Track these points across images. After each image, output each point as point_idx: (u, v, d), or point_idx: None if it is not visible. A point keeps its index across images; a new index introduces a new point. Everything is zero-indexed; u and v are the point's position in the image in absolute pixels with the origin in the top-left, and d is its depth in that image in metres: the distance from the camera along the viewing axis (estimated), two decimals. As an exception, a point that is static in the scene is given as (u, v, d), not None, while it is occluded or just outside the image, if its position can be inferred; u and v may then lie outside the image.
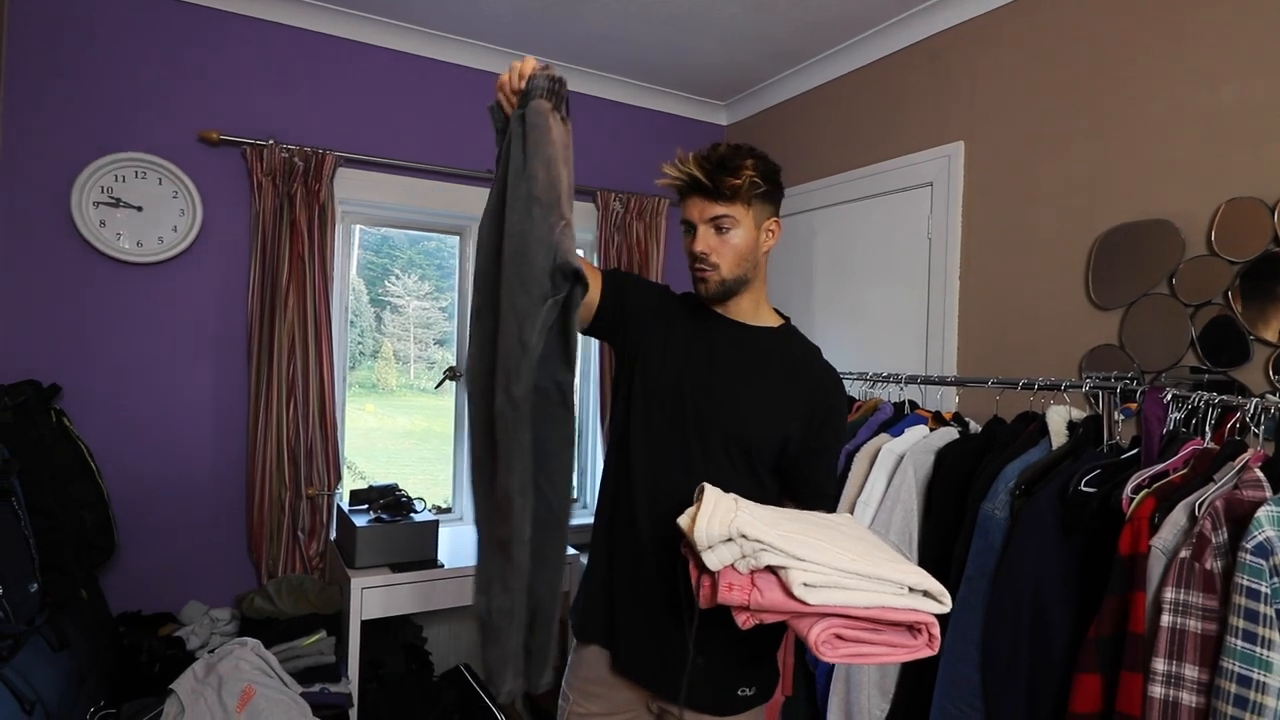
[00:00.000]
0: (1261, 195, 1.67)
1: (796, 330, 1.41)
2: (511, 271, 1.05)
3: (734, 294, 1.32)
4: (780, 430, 1.28)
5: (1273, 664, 1.03)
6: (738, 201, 1.25)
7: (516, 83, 1.13)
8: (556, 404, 1.04)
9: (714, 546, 0.98)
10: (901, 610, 0.95)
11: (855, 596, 0.95)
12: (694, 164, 1.24)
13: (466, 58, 2.85)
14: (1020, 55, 2.21)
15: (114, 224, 2.31)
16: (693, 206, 1.28)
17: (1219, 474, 1.23)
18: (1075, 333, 2.02)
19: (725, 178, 1.23)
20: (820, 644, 0.95)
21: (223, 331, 2.50)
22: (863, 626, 0.96)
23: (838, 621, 0.95)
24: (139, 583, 2.38)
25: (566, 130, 1.11)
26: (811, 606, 0.94)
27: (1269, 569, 1.05)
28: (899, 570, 0.96)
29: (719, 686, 1.30)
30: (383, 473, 3.41)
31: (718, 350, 1.32)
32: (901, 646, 0.97)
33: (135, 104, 2.35)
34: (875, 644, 0.97)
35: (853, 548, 1.00)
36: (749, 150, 1.27)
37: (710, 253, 1.27)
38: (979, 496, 1.50)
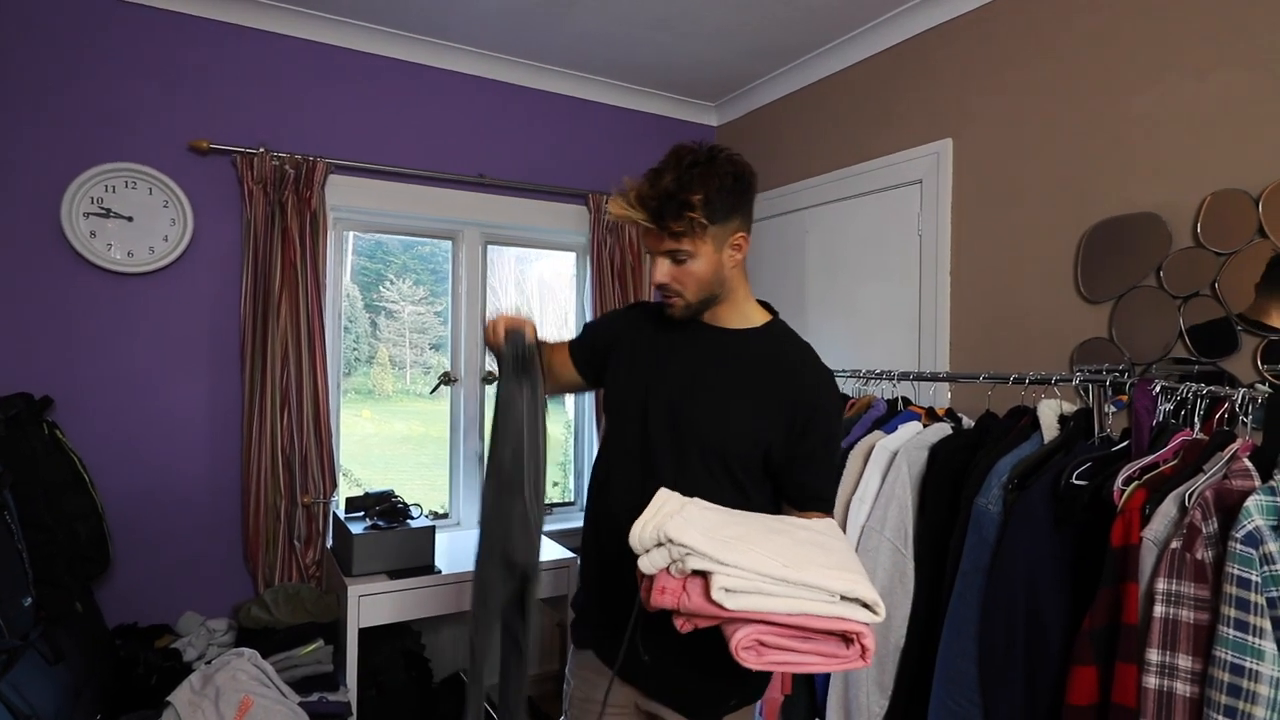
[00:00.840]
0: (1246, 187, 1.68)
1: (783, 328, 1.36)
2: (488, 527, 1.27)
3: (706, 310, 1.29)
4: (758, 439, 1.25)
5: (1265, 652, 1.04)
6: (689, 236, 1.19)
7: (494, 338, 1.23)
8: (510, 648, 1.24)
9: (649, 551, 0.97)
10: (826, 618, 0.92)
11: (777, 603, 0.92)
12: (637, 205, 1.18)
13: (456, 63, 2.86)
14: (1006, 52, 2.22)
15: (104, 234, 2.31)
16: (648, 237, 1.23)
17: (1208, 464, 1.23)
18: (1065, 327, 2.03)
19: (675, 218, 1.16)
20: (740, 650, 0.92)
21: (215, 340, 2.49)
22: (789, 634, 0.93)
23: (760, 628, 0.92)
24: (134, 595, 2.37)
25: (537, 389, 1.23)
26: (730, 612, 0.92)
27: (1259, 558, 1.06)
28: (831, 578, 0.92)
29: (708, 692, 1.30)
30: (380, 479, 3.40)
31: (692, 358, 1.30)
32: (833, 657, 0.94)
33: (124, 114, 2.35)
34: (804, 652, 0.94)
35: (796, 554, 0.96)
36: (701, 174, 1.17)
37: (672, 282, 1.24)
38: (972, 491, 1.50)
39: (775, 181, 3.09)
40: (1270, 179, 1.64)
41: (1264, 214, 1.64)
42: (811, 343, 1.38)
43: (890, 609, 1.61)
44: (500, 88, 2.97)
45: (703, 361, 1.29)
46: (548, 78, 3.04)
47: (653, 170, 1.22)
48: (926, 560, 1.60)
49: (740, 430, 1.25)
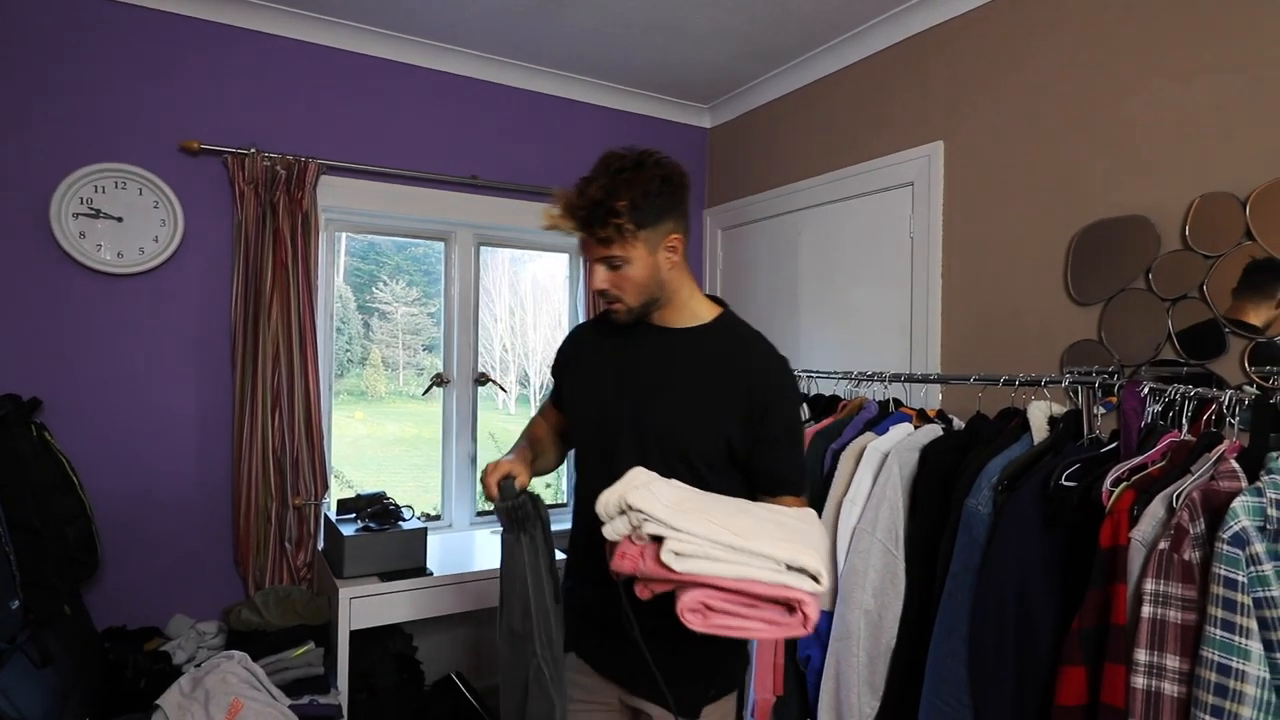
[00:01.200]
0: (1234, 190, 1.69)
1: (733, 320, 1.37)
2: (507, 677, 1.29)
3: (649, 313, 1.31)
4: (718, 432, 1.26)
5: (1251, 652, 1.04)
6: (619, 243, 1.21)
7: (490, 492, 1.25)
8: None
9: (612, 519, 1.03)
10: (770, 585, 0.96)
11: (723, 568, 0.96)
12: (565, 214, 1.21)
13: (448, 63, 2.85)
14: (997, 55, 2.23)
15: (94, 235, 2.30)
16: (585, 248, 1.25)
17: (1196, 465, 1.24)
18: (1055, 329, 2.04)
19: (602, 226, 1.19)
20: (685, 611, 0.98)
21: (206, 341, 2.48)
22: (734, 600, 0.98)
23: (707, 592, 0.97)
24: (124, 597, 2.36)
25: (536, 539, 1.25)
26: (677, 574, 0.96)
27: (1245, 558, 1.07)
28: (779, 548, 0.97)
29: (685, 685, 1.31)
30: (372, 480, 3.40)
31: (646, 361, 1.33)
32: (778, 624, 0.99)
33: (114, 114, 2.34)
34: (750, 619, 0.99)
35: (750, 526, 1.01)
36: (628, 180, 1.19)
37: (610, 288, 1.26)
38: (963, 492, 1.51)
39: (768, 184, 3.10)
40: (1257, 182, 1.65)
41: (1251, 217, 1.65)
42: (804, 344, 1.40)
43: (881, 610, 1.61)
44: (493, 89, 2.97)
45: (657, 363, 1.32)
46: (540, 79, 3.04)
47: (583, 179, 1.23)
48: (917, 561, 1.60)
49: (699, 425, 1.27)
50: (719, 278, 3.41)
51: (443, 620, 2.87)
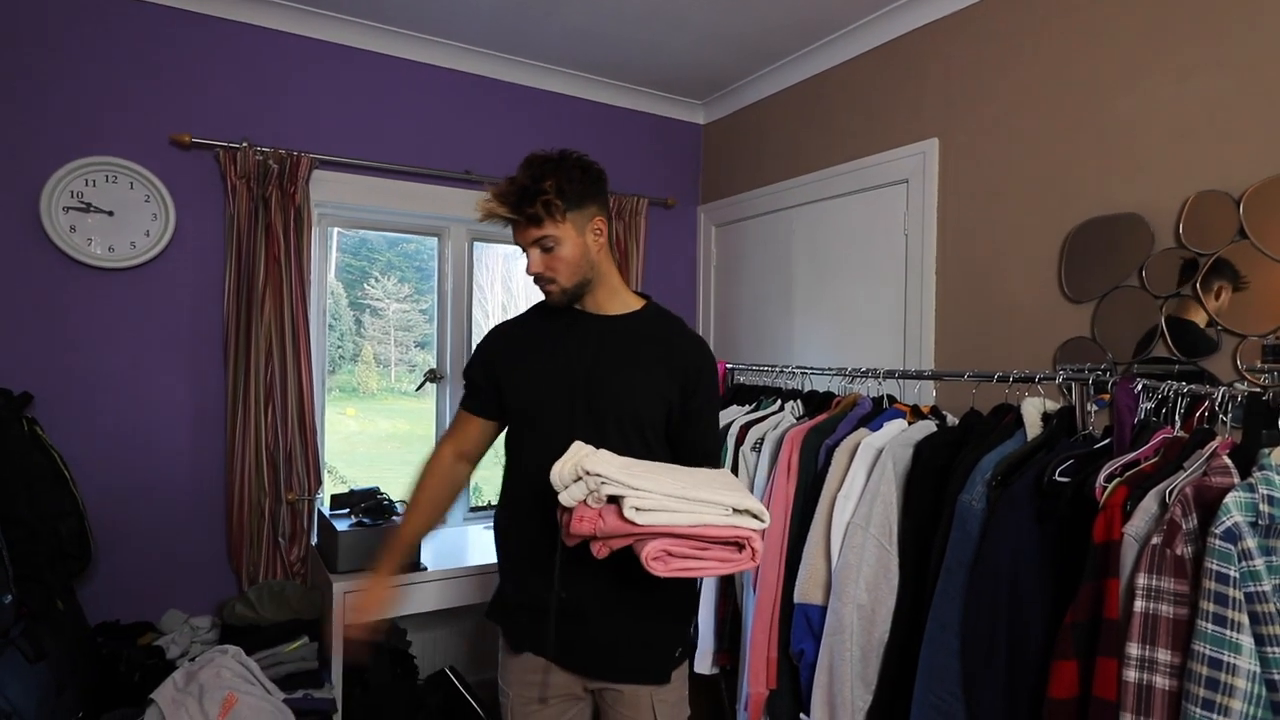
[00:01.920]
0: (1227, 188, 1.70)
1: (659, 308, 1.50)
2: None
3: (582, 295, 1.41)
4: (663, 400, 1.38)
5: (1242, 646, 1.05)
6: (550, 221, 1.32)
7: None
8: None
9: (568, 486, 1.13)
10: (723, 528, 1.08)
11: (680, 517, 1.07)
12: (497, 203, 1.32)
13: (442, 58, 2.84)
14: (992, 52, 2.24)
15: (85, 229, 2.28)
16: (517, 233, 1.37)
17: (1189, 461, 1.25)
18: (1049, 326, 2.05)
19: (525, 209, 1.31)
20: (651, 560, 1.07)
21: (198, 337, 2.47)
22: (690, 545, 1.09)
23: (666, 541, 1.08)
24: (117, 592, 2.35)
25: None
26: (641, 527, 1.07)
27: (1237, 553, 1.07)
28: (723, 495, 1.09)
29: (652, 654, 1.39)
30: (365, 477, 3.38)
31: (586, 342, 1.41)
32: (729, 561, 1.11)
33: (105, 107, 2.32)
34: (704, 559, 1.10)
35: (693, 481, 1.12)
36: (552, 167, 1.34)
37: (545, 270, 1.36)
38: (956, 488, 1.51)
39: (762, 180, 3.10)
40: (1250, 180, 1.67)
41: (1245, 215, 1.67)
42: (798, 341, 1.49)
43: (875, 605, 1.62)
44: (487, 83, 2.96)
45: (598, 345, 1.41)
46: (535, 74, 3.03)
47: (504, 181, 1.37)
48: (911, 556, 1.61)
49: (648, 394, 1.38)
50: (713, 274, 3.41)
51: (436, 615, 2.87)
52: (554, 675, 1.42)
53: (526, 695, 1.46)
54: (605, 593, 1.34)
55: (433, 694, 2.49)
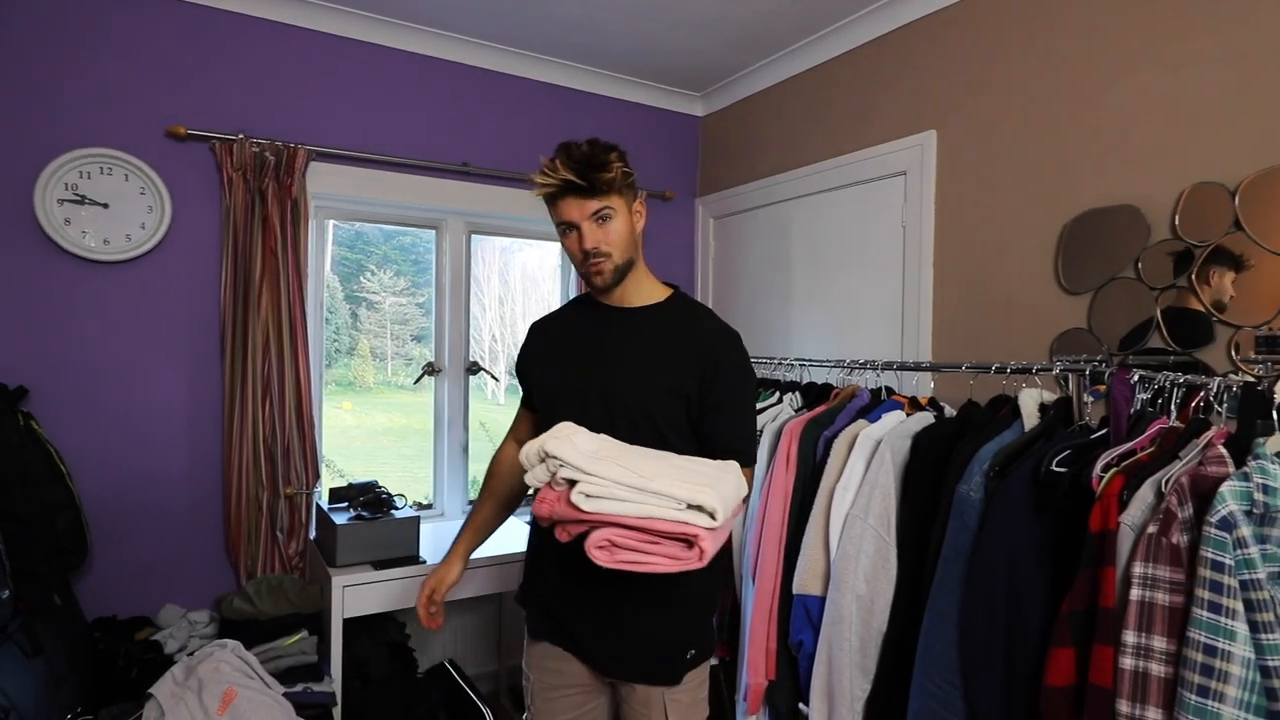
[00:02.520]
0: (1223, 180, 1.71)
1: (686, 298, 1.48)
2: None
3: (625, 277, 1.39)
4: (677, 392, 1.35)
5: (1237, 634, 1.06)
6: (613, 193, 1.33)
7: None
8: None
9: (533, 467, 1.11)
10: (669, 522, 1.03)
11: (628, 507, 1.03)
12: (564, 168, 1.29)
13: (440, 49, 2.83)
14: (989, 45, 2.24)
15: (79, 222, 2.27)
16: (571, 207, 1.33)
17: (1184, 451, 1.26)
18: (1046, 317, 2.06)
19: (598, 174, 1.29)
20: (594, 549, 1.04)
21: (195, 330, 2.46)
22: (638, 538, 1.04)
23: (612, 530, 1.04)
24: (114, 587, 2.34)
25: None
26: (586, 514, 1.04)
27: (1232, 542, 1.08)
28: (679, 488, 1.04)
29: (663, 655, 1.37)
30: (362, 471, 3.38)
31: (607, 337, 1.42)
32: (677, 559, 1.05)
33: (99, 98, 2.30)
34: (652, 554, 1.05)
35: (658, 470, 1.07)
36: (606, 143, 1.35)
37: (600, 244, 1.33)
38: (954, 479, 1.52)
39: (760, 172, 3.10)
40: (1246, 172, 1.67)
41: (1240, 207, 1.67)
42: (796, 333, 1.46)
43: (873, 595, 1.63)
44: (485, 75, 2.95)
45: (620, 339, 1.40)
46: (533, 65, 3.02)
47: (560, 149, 1.34)
48: (909, 546, 1.62)
49: (661, 390, 1.35)
50: (711, 267, 3.41)
51: (435, 608, 2.87)
52: (572, 665, 1.44)
53: (546, 681, 1.47)
54: (610, 589, 1.34)
55: (432, 687, 2.49)
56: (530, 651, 1.52)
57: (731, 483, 1.13)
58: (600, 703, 1.48)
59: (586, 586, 1.36)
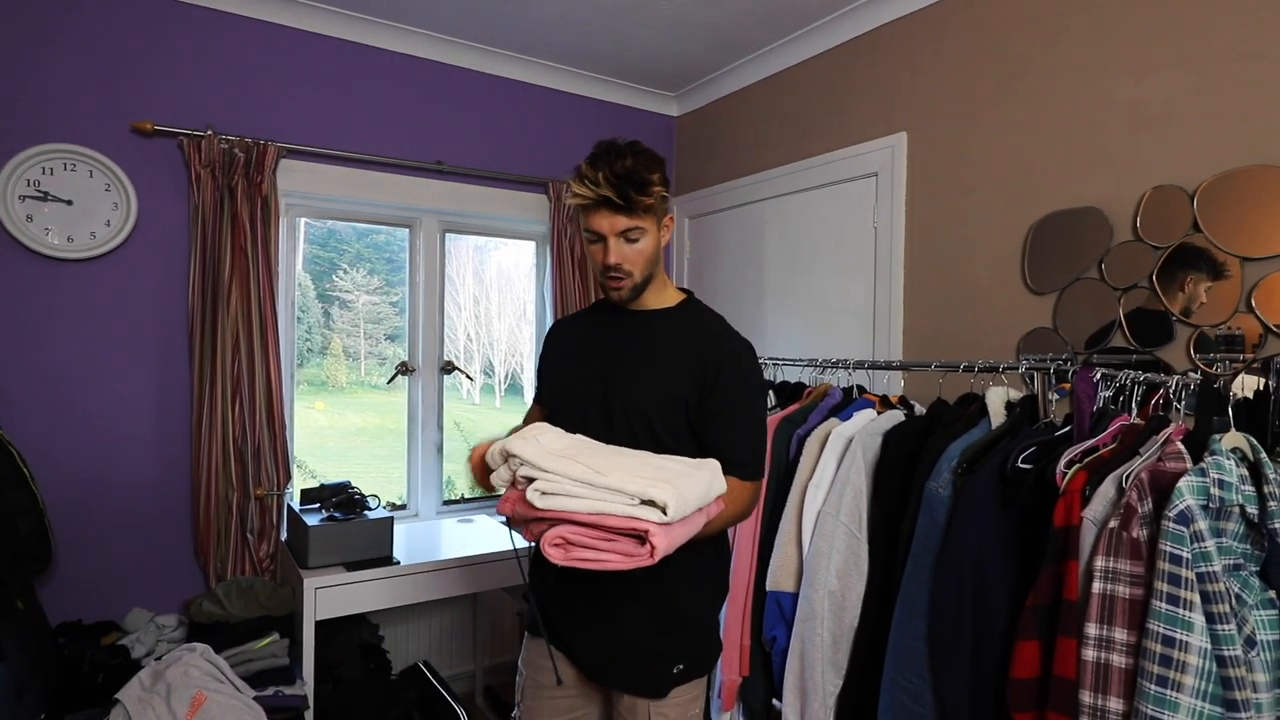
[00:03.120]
0: (1182, 183, 1.76)
1: (697, 303, 1.46)
2: None
3: (643, 292, 1.38)
4: (676, 395, 1.32)
5: (1194, 624, 1.09)
6: (648, 214, 1.30)
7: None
8: None
9: (498, 467, 1.10)
10: (621, 518, 1.02)
11: (580, 504, 1.02)
12: (605, 184, 1.25)
13: (414, 47, 2.81)
14: (959, 47, 2.28)
15: (42, 219, 2.22)
16: (601, 219, 1.29)
17: (1144, 448, 1.29)
18: (1012, 317, 2.10)
19: (638, 197, 1.26)
20: (548, 546, 1.03)
21: (162, 329, 2.42)
22: (592, 535, 1.03)
23: (566, 528, 1.03)
24: (80, 591, 2.30)
25: None
26: (540, 511, 1.03)
27: (1190, 535, 1.12)
28: (632, 483, 1.02)
29: (646, 667, 1.35)
30: (335, 472, 3.35)
31: (619, 341, 1.41)
32: (630, 555, 1.03)
33: (63, 93, 2.25)
34: (605, 551, 1.03)
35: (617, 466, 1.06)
36: (654, 160, 1.31)
37: (623, 262, 1.31)
38: (924, 476, 1.55)
39: (734, 173, 3.11)
40: (1205, 175, 1.72)
41: (1198, 209, 1.72)
42: (769, 332, 1.45)
43: (845, 591, 1.65)
44: (459, 73, 2.93)
45: (629, 342, 1.40)
46: (508, 64, 3.01)
47: (603, 156, 1.28)
48: (880, 543, 1.64)
49: (659, 388, 1.34)
50: (686, 266, 3.43)
51: (410, 609, 2.86)
52: (565, 668, 1.43)
53: (538, 680, 1.46)
54: (601, 595, 1.34)
55: (406, 688, 2.48)
56: (528, 647, 1.51)
57: (700, 480, 1.11)
58: (591, 710, 1.47)
59: (579, 589, 1.35)
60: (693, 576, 1.36)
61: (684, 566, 1.32)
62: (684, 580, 1.34)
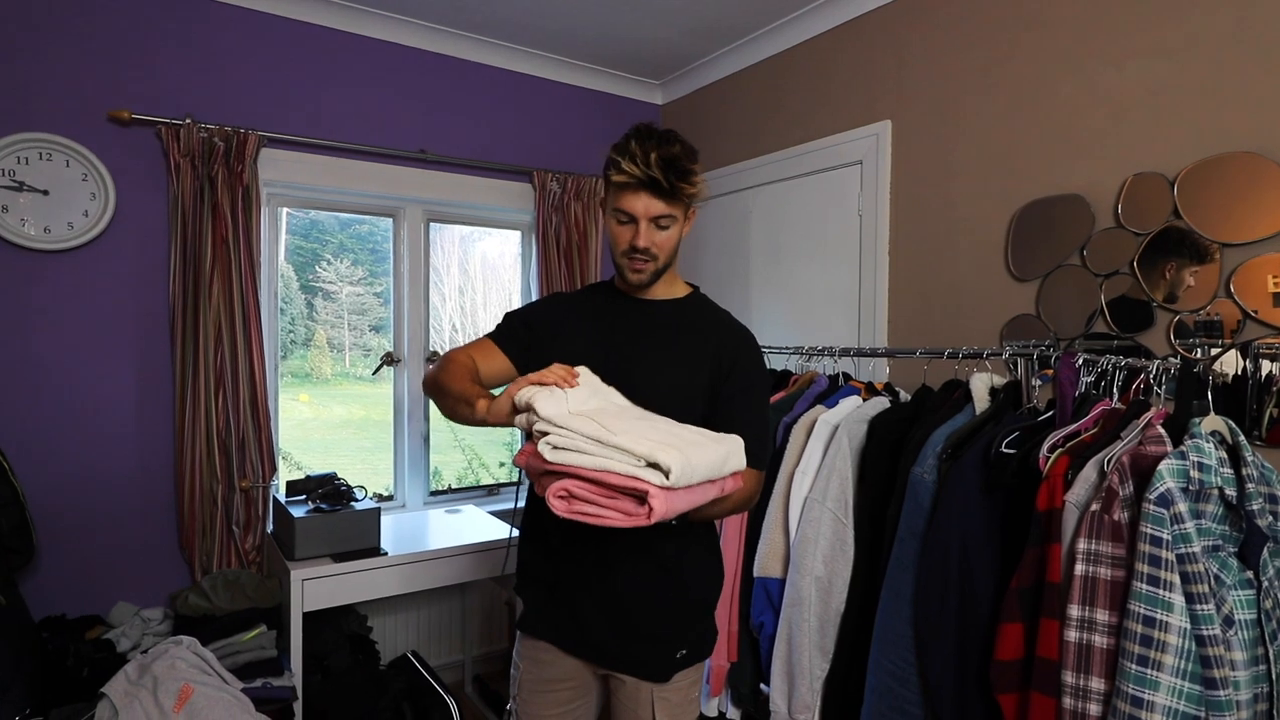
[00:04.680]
0: (1163, 170, 1.77)
1: (704, 297, 1.48)
2: None
3: (658, 279, 1.38)
4: (690, 388, 1.34)
5: (1174, 605, 1.12)
6: (684, 203, 1.31)
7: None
8: None
9: (520, 415, 1.12)
10: (623, 476, 1.03)
11: (586, 460, 1.04)
12: (655, 166, 1.23)
13: (396, 34, 2.78)
14: (942, 35, 2.28)
15: (17, 209, 2.18)
16: (638, 201, 1.28)
17: (1125, 432, 1.31)
18: (996, 304, 2.12)
19: (682, 185, 1.26)
20: (552, 496, 1.06)
21: (142, 320, 2.39)
22: (594, 490, 1.05)
23: (570, 481, 1.05)
24: (63, 585, 2.28)
25: None
26: (549, 464, 1.06)
27: (1170, 517, 1.13)
28: (641, 444, 1.04)
29: (653, 651, 1.36)
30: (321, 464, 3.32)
31: (624, 323, 1.40)
32: (630, 515, 1.05)
33: (38, 81, 2.21)
34: (606, 508, 1.05)
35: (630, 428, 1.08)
36: (691, 149, 1.30)
37: (652, 246, 1.31)
38: (909, 461, 1.56)
39: (719, 161, 3.11)
40: (1185, 162, 1.74)
41: (1179, 196, 1.74)
42: (755, 320, 1.46)
43: (831, 576, 1.67)
44: (442, 61, 2.90)
45: (638, 329, 1.39)
46: (491, 52, 2.98)
47: (651, 137, 1.26)
48: (866, 529, 1.66)
49: (675, 381, 1.34)
50: (672, 255, 3.42)
51: (398, 600, 2.85)
52: (565, 660, 1.41)
53: (537, 674, 1.44)
54: (608, 575, 1.33)
55: (395, 678, 2.48)
56: (523, 642, 1.49)
57: (714, 452, 1.12)
58: (588, 701, 1.47)
59: (587, 568, 1.34)
60: (709, 567, 1.41)
61: (701, 558, 1.39)
62: (701, 570, 1.39)
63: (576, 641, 1.39)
